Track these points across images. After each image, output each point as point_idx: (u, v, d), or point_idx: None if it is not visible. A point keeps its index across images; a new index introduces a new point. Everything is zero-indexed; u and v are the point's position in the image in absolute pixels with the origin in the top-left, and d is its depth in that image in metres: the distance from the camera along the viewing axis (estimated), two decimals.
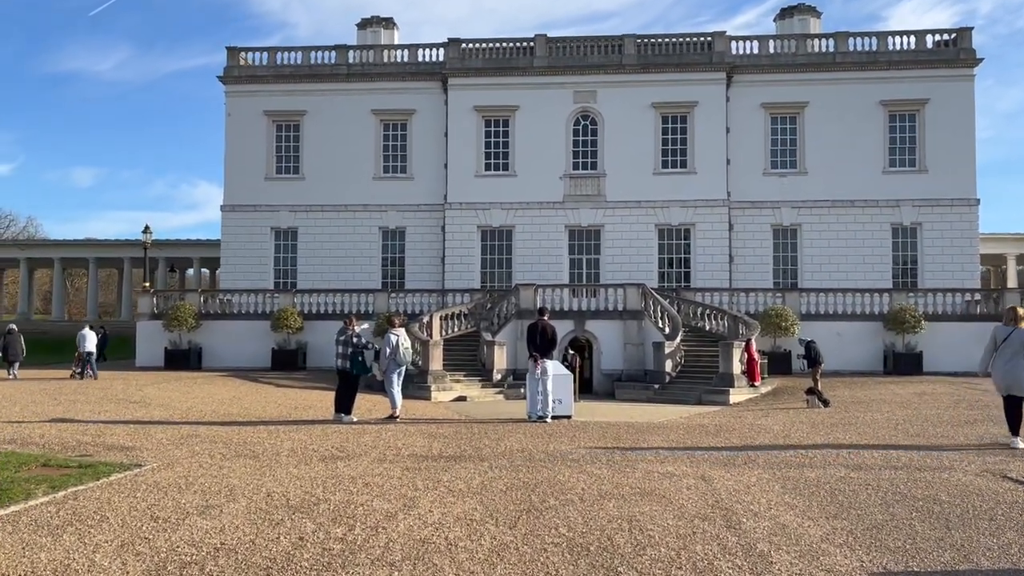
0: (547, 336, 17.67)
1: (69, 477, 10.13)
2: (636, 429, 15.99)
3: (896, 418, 17.60)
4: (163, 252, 60.77)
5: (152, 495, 9.12)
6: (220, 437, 14.05)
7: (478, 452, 12.52)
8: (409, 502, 8.84)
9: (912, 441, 13.85)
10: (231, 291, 38.16)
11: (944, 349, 31.71)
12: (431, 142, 41.07)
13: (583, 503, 8.82)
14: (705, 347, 29.00)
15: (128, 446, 12.95)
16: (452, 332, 31.21)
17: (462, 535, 7.49)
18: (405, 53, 42.38)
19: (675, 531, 7.63)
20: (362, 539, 7.31)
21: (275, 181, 41.78)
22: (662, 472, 10.76)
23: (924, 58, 39.31)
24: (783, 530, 7.68)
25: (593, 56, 40.48)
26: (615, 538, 7.37)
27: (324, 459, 11.78)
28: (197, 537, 7.33)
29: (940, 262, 38.41)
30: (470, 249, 40.15)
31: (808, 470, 10.93)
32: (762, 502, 8.89)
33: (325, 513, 8.30)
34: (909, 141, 39.31)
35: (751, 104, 39.74)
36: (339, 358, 17.32)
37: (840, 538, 7.41)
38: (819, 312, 33.10)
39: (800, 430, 15.65)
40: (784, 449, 12.93)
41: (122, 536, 7.34)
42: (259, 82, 42.09)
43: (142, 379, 28.71)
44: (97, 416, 17.44)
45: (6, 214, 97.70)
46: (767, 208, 39.40)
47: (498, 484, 9.88)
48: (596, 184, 39.95)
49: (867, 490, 9.52)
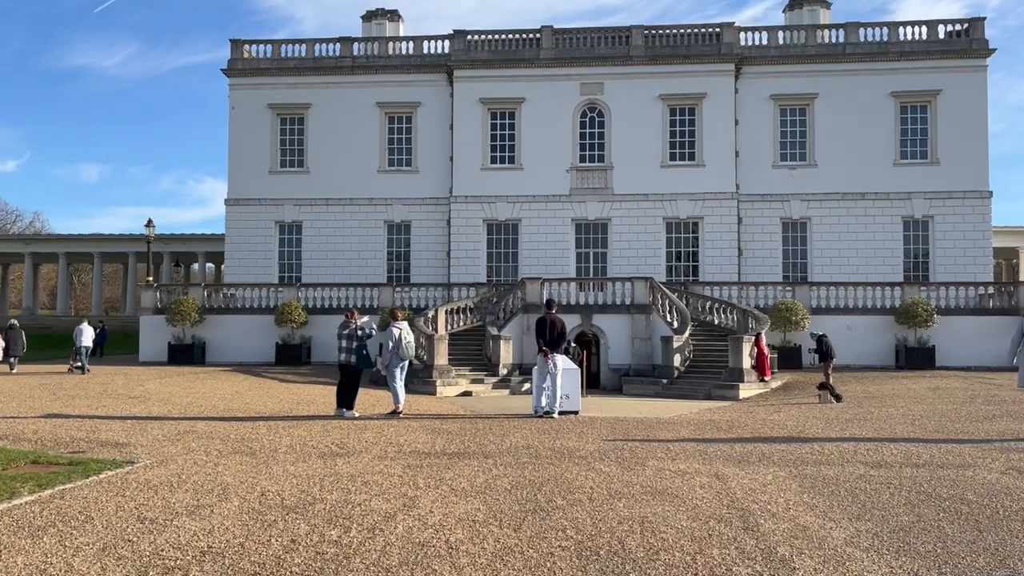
0: (557, 330, 17.23)
1: (57, 475, 9.76)
2: (645, 425, 15.57)
3: (912, 414, 17.14)
4: (168, 247, 60.56)
5: (141, 494, 8.74)
6: (218, 433, 13.67)
7: (482, 449, 12.12)
8: (409, 502, 8.44)
9: (930, 437, 13.38)
10: (235, 285, 37.79)
11: (957, 343, 31.25)
12: (436, 135, 40.64)
13: (592, 503, 8.40)
14: (714, 341, 28.59)
15: (122, 442, 12.58)
16: (457, 326, 30.83)
17: (464, 538, 7.08)
18: (410, 45, 41.93)
19: (690, 533, 7.21)
20: (358, 542, 6.90)
21: (279, 175, 41.41)
22: (674, 470, 10.34)
23: (936, 49, 38.72)
24: (804, 532, 7.25)
25: (600, 48, 39.99)
26: (626, 541, 6.95)
27: (323, 456, 11.38)
28: (184, 540, 6.93)
29: (952, 255, 37.89)
30: (476, 243, 39.75)
31: (826, 467, 10.50)
32: (780, 502, 8.46)
33: (320, 514, 7.90)
34: (920, 133, 38.76)
35: (760, 96, 39.22)
36: (342, 352, 16.91)
37: (865, 541, 6.97)
38: (829, 306, 32.63)
39: (814, 426, 15.21)
40: (799, 443, 12.48)
41: (105, 538, 6.95)
42: (263, 75, 41.71)
43: (144, 374, 28.38)
44: (94, 411, 17.08)
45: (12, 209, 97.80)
46: (776, 201, 38.91)
47: (503, 482, 9.47)
48: (603, 177, 39.50)
49: (889, 489, 9.09)
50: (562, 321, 17.69)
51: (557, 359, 16.98)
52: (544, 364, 16.92)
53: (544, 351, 16.99)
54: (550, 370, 16.81)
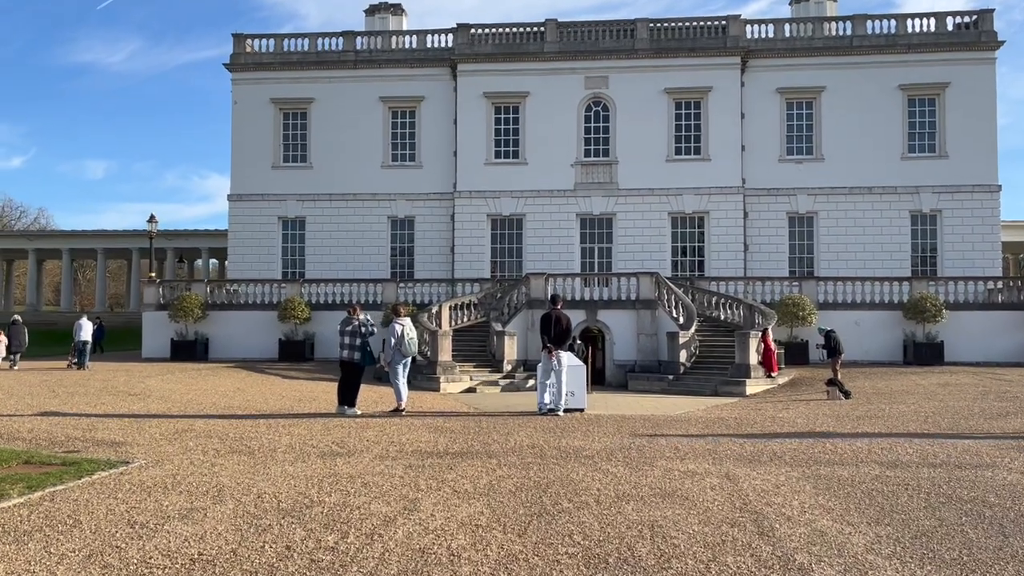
0: (562, 326, 16.92)
1: (49, 476, 9.48)
2: (652, 423, 15.26)
3: (924, 411, 16.80)
4: (172, 242, 60.38)
5: (134, 496, 8.46)
6: (216, 431, 13.39)
7: (486, 448, 11.82)
8: (410, 504, 8.14)
9: (945, 435, 13.03)
10: (238, 281, 37.55)
11: (966, 339, 30.91)
12: (440, 129, 40.32)
13: (599, 506, 8.10)
14: (720, 337, 28.25)
15: (119, 441, 12.31)
16: (462, 322, 30.54)
17: (466, 544, 6.77)
18: (414, 39, 41.60)
19: (702, 539, 6.89)
20: (355, 548, 6.60)
21: (282, 170, 41.12)
22: (683, 470, 10.04)
23: (944, 41, 38.29)
24: (822, 538, 6.94)
25: (605, 41, 39.64)
26: (636, 547, 6.64)
27: (323, 456, 11.09)
28: (174, 546, 6.64)
29: (960, 250, 37.50)
30: (480, 238, 39.44)
31: (839, 468, 10.18)
32: (794, 504, 8.15)
33: (318, 517, 7.60)
34: (928, 126, 38.36)
35: (766, 89, 38.82)
36: (345, 348, 16.59)
37: (887, 548, 6.66)
38: (837, 301, 32.28)
39: (825, 424, 14.88)
40: (810, 441, 12.17)
41: (92, 544, 6.67)
42: (266, 69, 41.40)
43: (146, 371, 28.15)
44: (92, 409, 16.82)
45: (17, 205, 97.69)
46: (783, 195, 38.53)
47: (507, 484, 9.17)
48: (608, 171, 39.16)
49: (907, 491, 8.77)
50: (567, 317, 17.38)
51: (561, 355, 16.67)
52: (548, 361, 16.62)
53: (548, 347, 16.68)
54: (554, 367, 16.52)
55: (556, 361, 16.49)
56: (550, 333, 16.78)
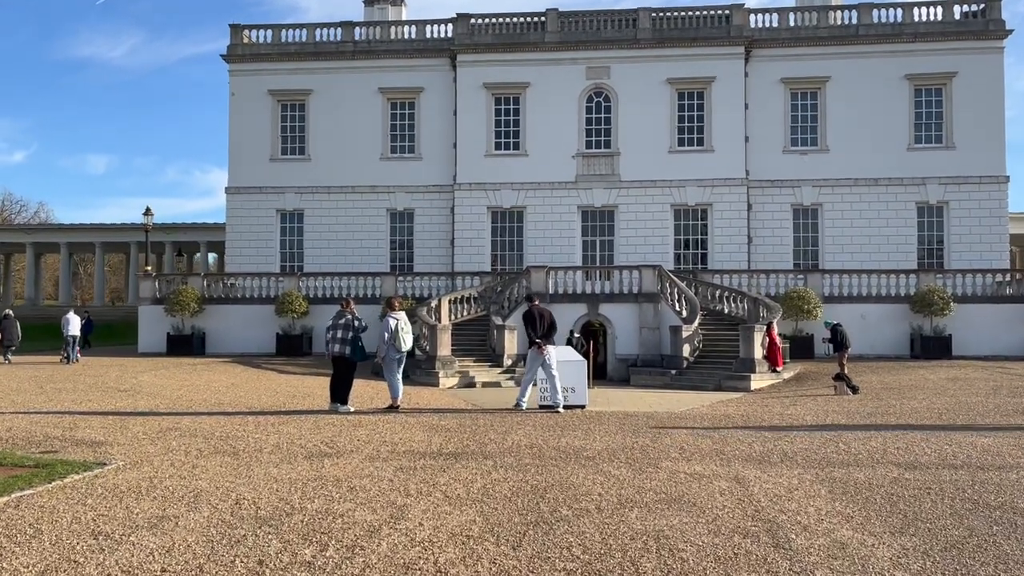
0: (546, 321, 16.65)
1: (18, 479, 8.94)
2: (656, 420, 14.73)
3: (936, 407, 16.25)
4: (170, 236, 59.95)
5: (104, 502, 7.92)
6: (202, 430, 12.86)
7: (482, 448, 11.28)
8: (397, 512, 7.60)
9: (962, 433, 12.50)
10: (235, 275, 37.02)
11: (974, 332, 30.41)
12: (440, 121, 39.73)
13: (600, 513, 7.55)
14: (724, 331, 27.71)
15: (99, 441, 11.78)
16: (461, 316, 30.01)
17: (455, 558, 6.21)
18: (413, 29, 40.97)
19: (712, 552, 6.34)
20: (334, 563, 6.05)
21: (280, 162, 40.56)
22: (689, 472, 9.49)
23: (951, 30, 37.64)
24: (843, 551, 6.37)
25: (607, 31, 39.00)
26: (641, 562, 6.09)
27: (310, 456, 10.55)
28: (136, 560, 6.09)
29: (968, 242, 36.91)
30: (480, 231, 38.87)
31: (855, 469, 9.63)
32: (810, 511, 7.60)
33: (297, 527, 7.05)
34: (935, 116, 37.73)
35: (770, 79, 38.20)
36: (336, 343, 16.04)
37: (916, 562, 6.09)
38: (842, 294, 31.76)
39: (835, 421, 14.33)
40: (821, 440, 11.61)
41: (49, 559, 6.12)
42: (263, 60, 40.80)
43: (140, 365, 27.62)
44: (78, 406, 16.28)
45: (17, 200, 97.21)
46: (787, 187, 37.93)
47: (502, 488, 8.63)
48: (610, 163, 38.57)
49: (930, 496, 8.22)
50: (549, 312, 17.25)
51: (551, 350, 16.21)
52: (537, 357, 16.16)
53: (537, 343, 16.22)
54: (546, 363, 16.04)
55: (548, 356, 16.03)
56: (536, 331, 16.40)
